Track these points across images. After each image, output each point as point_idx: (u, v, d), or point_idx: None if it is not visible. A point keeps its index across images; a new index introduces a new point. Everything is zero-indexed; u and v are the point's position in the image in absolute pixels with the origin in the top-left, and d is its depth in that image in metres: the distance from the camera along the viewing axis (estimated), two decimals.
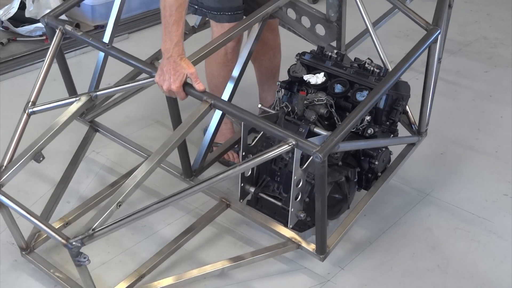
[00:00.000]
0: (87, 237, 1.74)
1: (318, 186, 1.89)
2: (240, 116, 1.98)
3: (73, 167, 2.38)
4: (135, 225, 2.31)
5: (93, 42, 2.27)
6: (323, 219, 1.95)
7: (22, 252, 2.11)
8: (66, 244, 1.74)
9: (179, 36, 1.97)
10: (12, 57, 3.45)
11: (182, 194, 1.85)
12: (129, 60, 2.17)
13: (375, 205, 2.41)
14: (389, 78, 2.07)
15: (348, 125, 1.91)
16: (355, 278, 2.14)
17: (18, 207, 1.88)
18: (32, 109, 2.17)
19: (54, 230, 1.81)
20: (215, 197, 2.25)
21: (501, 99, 3.26)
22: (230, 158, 2.63)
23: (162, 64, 2.00)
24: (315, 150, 1.80)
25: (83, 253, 1.75)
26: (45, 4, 3.72)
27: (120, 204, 1.81)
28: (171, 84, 1.97)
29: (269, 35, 2.65)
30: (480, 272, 2.18)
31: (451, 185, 2.60)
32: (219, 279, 2.11)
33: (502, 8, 4.41)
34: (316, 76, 2.29)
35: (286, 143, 1.86)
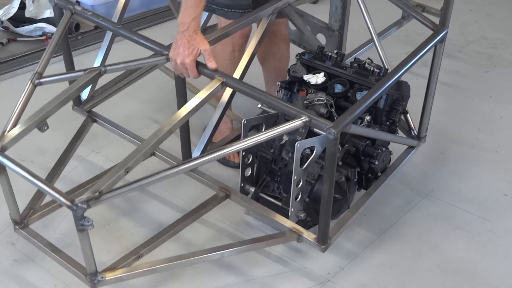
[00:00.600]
0: (93, 199, 1.70)
1: (327, 166, 1.86)
2: (252, 94, 1.97)
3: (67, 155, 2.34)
4: (135, 225, 2.32)
5: (103, 22, 2.27)
6: (329, 204, 1.92)
7: (15, 226, 2.06)
8: (70, 206, 1.69)
9: (198, 12, 1.94)
10: (12, 57, 3.45)
11: (189, 164, 1.83)
12: (139, 39, 2.17)
13: (375, 205, 2.41)
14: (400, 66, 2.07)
15: (362, 106, 1.90)
16: (355, 278, 2.14)
17: (21, 169, 1.83)
18: (38, 79, 2.13)
19: (58, 192, 1.76)
20: (214, 188, 2.23)
21: (501, 99, 3.26)
22: (231, 158, 2.63)
23: (176, 38, 1.96)
24: (329, 126, 1.79)
25: (87, 217, 1.70)
26: (45, 4, 3.72)
27: (128, 170, 1.78)
28: (185, 58, 1.94)
29: (280, 36, 2.64)
30: (480, 272, 2.18)
31: (451, 185, 2.60)
32: (219, 279, 2.11)
33: (502, 8, 4.41)
34: (316, 76, 2.29)
35: (299, 119, 1.85)
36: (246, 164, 2.20)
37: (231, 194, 2.19)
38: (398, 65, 2.09)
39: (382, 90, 2.00)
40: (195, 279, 2.11)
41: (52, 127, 2.70)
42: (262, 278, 2.13)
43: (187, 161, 1.89)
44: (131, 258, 1.97)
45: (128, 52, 2.80)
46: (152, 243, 2.05)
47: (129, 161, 1.79)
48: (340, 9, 2.67)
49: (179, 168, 1.84)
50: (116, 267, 1.93)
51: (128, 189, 1.77)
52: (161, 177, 1.81)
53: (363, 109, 1.92)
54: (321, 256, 2.20)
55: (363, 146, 2.21)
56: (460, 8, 4.35)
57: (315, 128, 1.86)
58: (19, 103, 2.05)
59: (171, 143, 2.30)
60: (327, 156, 1.85)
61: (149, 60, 2.19)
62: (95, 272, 1.87)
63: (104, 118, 2.51)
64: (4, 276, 2.10)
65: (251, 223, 2.34)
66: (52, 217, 2.29)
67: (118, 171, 1.77)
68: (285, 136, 2.16)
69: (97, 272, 1.87)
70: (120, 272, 1.92)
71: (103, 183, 1.74)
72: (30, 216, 2.11)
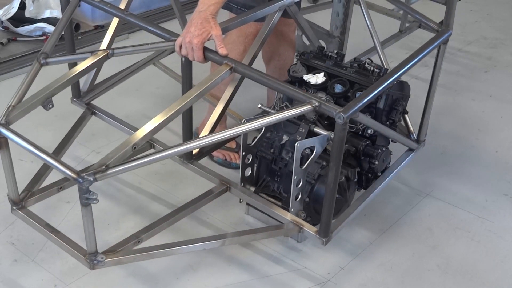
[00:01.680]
0: (99, 172, 1.67)
1: (334, 153, 1.85)
2: (262, 80, 1.96)
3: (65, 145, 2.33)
4: (135, 225, 2.31)
5: (111, 9, 2.28)
6: (333, 194, 1.91)
7: (13, 207, 2.03)
8: (76, 178, 1.66)
9: (219, 1, 1.95)
10: (12, 57, 3.45)
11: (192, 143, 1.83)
12: (147, 25, 2.17)
13: (375, 205, 2.41)
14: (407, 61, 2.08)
15: (371, 95, 1.91)
16: (355, 278, 2.14)
17: (26, 142, 1.80)
18: (45, 59, 2.12)
19: (64, 165, 1.73)
20: (214, 181, 2.22)
21: (501, 99, 3.26)
22: (232, 160, 2.63)
23: (192, 16, 1.96)
24: (339, 111, 1.79)
25: (92, 191, 1.68)
26: (45, 4, 3.72)
27: (136, 147, 1.76)
28: (193, 38, 1.93)
29: (287, 36, 2.64)
30: (480, 272, 2.18)
31: (451, 185, 2.61)
32: (219, 279, 2.11)
33: (502, 8, 4.41)
34: (316, 76, 2.29)
35: (309, 104, 1.85)
36: (246, 164, 2.20)
37: (231, 187, 2.18)
38: (404, 60, 2.09)
39: (392, 79, 2.01)
40: (195, 279, 2.11)
41: (52, 126, 2.72)
42: (262, 278, 2.13)
43: (192, 141, 1.86)
44: (130, 242, 1.94)
45: None
46: (152, 229, 2.02)
47: (137, 138, 1.78)
48: (342, 15, 2.68)
49: (181, 147, 1.81)
50: (116, 250, 1.90)
51: (135, 164, 1.74)
52: (167, 154, 1.79)
53: (371, 98, 1.92)
54: (321, 256, 2.20)
55: (363, 146, 2.21)
56: (460, 8, 4.34)
57: (325, 113, 1.86)
58: (24, 80, 2.03)
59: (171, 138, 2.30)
60: (335, 142, 1.84)
61: (158, 45, 2.16)
62: (95, 252, 1.83)
63: (103, 110, 2.49)
64: (4, 276, 2.10)
65: (251, 223, 2.34)
66: (53, 214, 2.29)
67: (126, 147, 1.75)
68: (285, 136, 2.16)
69: (97, 252, 1.84)
70: (120, 254, 1.89)
71: (110, 157, 1.72)
72: (27, 199, 2.07)
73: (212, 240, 2.01)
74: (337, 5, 2.73)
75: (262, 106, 2.30)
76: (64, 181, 2.18)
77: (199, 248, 2.02)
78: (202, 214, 2.31)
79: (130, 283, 2.08)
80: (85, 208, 1.72)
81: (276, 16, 2.28)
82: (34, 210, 2.07)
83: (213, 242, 2.01)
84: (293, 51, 2.72)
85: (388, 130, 2.22)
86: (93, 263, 1.85)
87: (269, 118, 1.87)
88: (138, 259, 1.93)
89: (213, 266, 2.15)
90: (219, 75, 1.97)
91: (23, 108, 1.94)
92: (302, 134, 2.11)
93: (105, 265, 1.87)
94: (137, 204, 2.44)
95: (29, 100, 1.96)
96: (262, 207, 2.14)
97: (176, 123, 2.09)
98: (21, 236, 2.23)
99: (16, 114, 1.92)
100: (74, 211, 2.35)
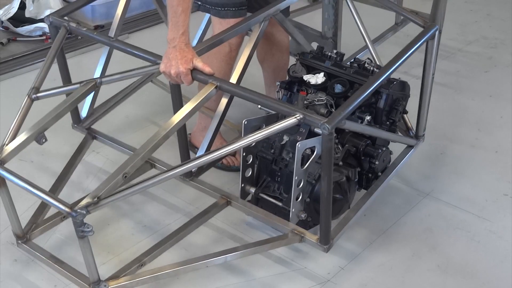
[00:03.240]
0: (92, 204, 1.71)
1: (324, 163, 1.86)
2: (247, 96, 2.00)
3: (68, 172, 2.35)
4: (135, 225, 2.32)
5: (98, 37, 2.34)
6: (328, 203, 1.92)
7: (18, 241, 2.07)
8: (70, 213, 1.70)
9: (186, 26, 2.01)
10: (12, 57, 3.45)
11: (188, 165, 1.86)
12: (134, 51, 2.23)
13: (375, 205, 2.41)
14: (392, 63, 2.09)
15: (355, 102, 1.92)
16: (355, 278, 2.14)
17: (21, 181, 1.84)
18: (35, 94, 2.16)
19: (57, 200, 1.78)
20: (215, 196, 2.24)
21: (501, 99, 3.26)
22: (230, 163, 2.63)
23: (167, 52, 2.02)
24: (323, 122, 1.80)
25: (87, 223, 1.71)
26: (45, 4, 3.72)
27: (126, 176, 1.79)
28: (179, 67, 1.99)
29: (278, 37, 2.64)
30: (480, 272, 2.18)
31: (451, 185, 2.61)
32: (219, 279, 2.11)
33: (502, 8, 4.41)
34: (316, 76, 2.29)
35: (293, 117, 1.87)
36: (246, 165, 2.20)
37: (232, 201, 2.20)
38: (389, 61, 2.10)
39: (375, 86, 2.01)
40: (195, 279, 2.11)
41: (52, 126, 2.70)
42: (262, 278, 2.13)
43: (185, 162, 1.89)
44: (133, 267, 1.98)
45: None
46: (155, 251, 2.06)
47: (127, 166, 1.81)
48: (332, 16, 2.70)
49: (178, 169, 1.85)
50: (119, 276, 1.94)
51: (126, 194, 1.79)
52: (160, 180, 1.82)
53: (356, 105, 1.92)
54: (321, 256, 2.20)
55: (364, 146, 2.22)
56: (460, 8, 4.35)
57: (310, 125, 1.88)
58: (16, 117, 2.08)
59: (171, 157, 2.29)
60: (323, 153, 1.85)
61: (144, 69, 2.23)
62: (98, 280, 1.87)
63: (103, 134, 2.52)
64: (4, 276, 2.10)
65: (252, 223, 2.34)
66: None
67: (116, 176, 1.78)
68: (286, 136, 2.16)
69: (100, 280, 1.88)
70: (123, 280, 1.92)
71: (101, 188, 1.76)
72: (32, 231, 2.11)
73: (214, 257, 2.02)
74: (326, 6, 2.75)
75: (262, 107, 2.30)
76: None
77: (202, 267, 2.04)
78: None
79: None
80: (82, 240, 1.76)
81: (262, 27, 2.30)
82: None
83: (215, 259, 2.02)
84: (286, 52, 2.72)
85: (382, 132, 2.22)
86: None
87: (257, 134, 1.90)
88: (141, 283, 1.96)
89: (213, 266, 2.15)
90: (205, 95, 2.01)
91: (17, 145, 1.97)
92: (302, 135, 2.11)
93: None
94: (137, 204, 2.44)
95: (22, 137, 1.99)
96: (262, 219, 2.16)
97: None
98: None
99: (10, 152, 1.95)
100: None
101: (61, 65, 2.45)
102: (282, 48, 2.69)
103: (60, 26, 2.35)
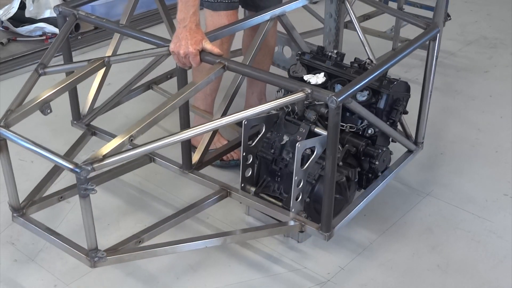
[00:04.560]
0: (97, 161, 1.69)
1: (330, 139, 1.86)
2: (254, 75, 2.04)
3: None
4: (135, 225, 2.32)
5: (107, 24, 2.36)
6: (332, 184, 1.91)
7: (13, 214, 2.04)
8: (74, 169, 1.68)
9: (196, 6, 2.02)
10: (12, 57, 3.45)
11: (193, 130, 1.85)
12: (142, 35, 2.25)
13: (375, 205, 2.41)
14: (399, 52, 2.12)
15: (363, 81, 1.94)
16: (355, 278, 2.14)
17: (24, 141, 1.83)
18: (43, 69, 2.19)
19: (62, 157, 1.76)
20: (214, 187, 2.23)
21: (501, 99, 3.26)
22: (229, 157, 2.62)
23: (177, 32, 2.04)
24: (331, 95, 1.81)
25: (91, 182, 1.69)
26: (45, 4, 3.73)
27: (132, 139, 1.78)
28: (188, 47, 2.01)
29: (268, 39, 2.64)
30: (480, 272, 2.18)
31: (451, 185, 2.61)
32: (219, 279, 2.11)
33: (502, 8, 4.41)
34: (316, 76, 2.29)
35: (301, 91, 1.88)
36: (246, 165, 2.20)
37: (232, 192, 2.19)
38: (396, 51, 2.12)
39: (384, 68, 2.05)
40: (195, 279, 2.11)
41: (52, 127, 2.71)
42: (262, 278, 2.13)
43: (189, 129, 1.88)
44: (131, 242, 1.95)
45: None
46: (153, 230, 2.03)
47: (134, 130, 1.80)
48: (333, 29, 2.74)
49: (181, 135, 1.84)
50: (117, 248, 1.90)
51: (131, 154, 1.76)
52: (166, 143, 1.81)
53: (364, 84, 1.94)
54: (321, 256, 2.20)
55: (364, 146, 2.22)
56: (460, 8, 4.36)
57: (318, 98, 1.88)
58: (22, 88, 2.08)
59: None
60: (329, 128, 1.85)
61: (152, 51, 2.22)
62: (96, 248, 1.83)
63: (103, 130, 2.52)
64: (4, 276, 2.10)
65: (252, 223, 2.34)
66: (53, 217, 2.29)
67: (123, 138, 1.77)
68: (286, 136, 2.16)
69: (98, 249, 1.84)
70: (121, 252, 1.89)
71: (107, 148, 1.74)
72: (29, 207, 2.08)
73: (214, 237, 2.02)
74: (329, 20, 2.78)
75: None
76: (65, 191, 2.20)
77: (201, 246, 2.02)
78: (202, 215, 2.30)
79: (130, 283, 2.08)
80: (83, 199, 1.72)
81: (267, 26, 2.32)
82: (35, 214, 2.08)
83: (215, 239, 2.02)
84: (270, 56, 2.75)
85: (383, 124, 2.21)
86: (94, 260, 1.84)
87: (266, 105, 1.91)
88: (139, 257, 1.93)
89: (213, 266, 2.15)
90: (213, 72, 2.02)
91: (22, 111, 1.97)
92: (302, 135, 2.11)
93: (106, 263, 1.86)
94: (137, 205, 2.44)
95: (27, 104, 1.99)
96: (263, 209, 2.15)
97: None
98: (21, 236, 2.23)
99: (15, 117, 1.95)
100: (74, 212, 2.35)
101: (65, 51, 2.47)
102: (267, 52, 2.69)
103: (69, 15, 2.38)
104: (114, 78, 2.92)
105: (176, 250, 1.99)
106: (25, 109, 1.97)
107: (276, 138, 2.18)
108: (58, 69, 2.28)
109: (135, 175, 2.52)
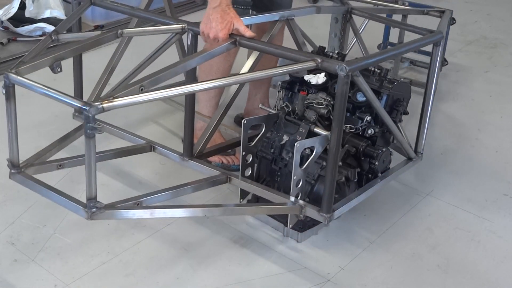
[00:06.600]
0: (106, 100, 1.68)
1: (337, 109, 1.86)
2: (266, 49, 2.06)
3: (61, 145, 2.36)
4: (135, 225, 2.31)
5: (121, 8, 2.42)
6: (335, 161, 1.90)
7: (11, 170, 2.02)
8: (82, 106, 1.66)
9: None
10: (12, 57, 3.45)
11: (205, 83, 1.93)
12: (156, 17, 2.30)
13: (375, 205, 2.41)
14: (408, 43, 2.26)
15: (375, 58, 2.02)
16: (355, 278, 2.14)
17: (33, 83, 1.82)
18: (56, 36, 2.26)
19: (70, 96, 1.76)
20: (215, 173, 2.23)
21: (501, 99, 3.26)
22: (230, 162, 2.63)
23: (208, 12, 2.01)
24: (342, 64, 1.82)
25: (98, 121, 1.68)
26: (45, 4, 3.73)
27: (143, 88, 1.78)
28: (218, 32, 1.99)
29: (275, 43, 2.64)
30: (480, 272, 2.18)
31: (451, 185, 2.61)
32: (218, 278, 2.11)
33: (502, 8, 4.41)
34: (317, 76, 2.29)
35: (312, 60, 1.90)
36: (246, 164, 2.20)
37: (232, 178, 2.20)
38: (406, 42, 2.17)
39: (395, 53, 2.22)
40: (195, 279, 2.11)
41: (51, 127, 2.71)
42: (262, 278, 2.13)
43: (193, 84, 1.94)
44: (130, 202, 1.96)
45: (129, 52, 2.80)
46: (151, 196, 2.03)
47: (145, 80, 1.81)
48: (338, 35, 2.75)
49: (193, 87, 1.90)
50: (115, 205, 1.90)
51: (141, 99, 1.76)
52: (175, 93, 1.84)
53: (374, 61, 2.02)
54: (321, 256, 2.20)
55: (364, 147, 2.22)
56: (460, 8, 4.36)
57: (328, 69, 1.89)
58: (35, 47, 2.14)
59: None
60: (337, 97, 1.86)
61: (166, 27, 2.23)
62: (95, 198, 1.80)
63: (105, 122, 2.50)
64: (4, 276, 2.10)
65: (251, 222, 2.34)
66: (53, 215, 2.29)
67: (133, 86, 1.78)
68: (285, 136, 2.16)
69: (97, 200, 1.81)
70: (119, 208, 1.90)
71: (117, 90, 1.75)
72: (27, 168, 2.07)
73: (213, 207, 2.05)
74: (334, 26, 2.79)
75: (263, 106, 2.31)
76: (64, 160, 2.22)
77: (200, 214, 2.03)
78: (201, 217, 2.30)
79: (130, 283, 2.07)
80: (89, 140, 1.69)
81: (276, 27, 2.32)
82: None
83: (215, 209, 2.04)
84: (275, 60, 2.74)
85: (387, 116, 2.21)
86: (91, 211, 1.80)
87: (274, 70, 1.97)
88: (138, 214, 1.92)
89: (213, 266, 2.15)
90: (224, 44, 2.03)
91: (33, 63, 1.98)
92: (302, 134, 2.11)
93: (103, 215, 1.84)
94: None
95: (38, 58, 2.01)
96: (262, 193, 2.14)
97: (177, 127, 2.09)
98: (21, 236, 2.23)
99: (26, 67, 1.96)
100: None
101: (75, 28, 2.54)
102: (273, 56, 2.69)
103: None
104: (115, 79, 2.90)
105: (175, 214, 1.98)
106: (36, 62, 1.99)
107: (276, 138, 2.18)
108: (71, 36, 2.35)
109: (135, 174, 2.51)
